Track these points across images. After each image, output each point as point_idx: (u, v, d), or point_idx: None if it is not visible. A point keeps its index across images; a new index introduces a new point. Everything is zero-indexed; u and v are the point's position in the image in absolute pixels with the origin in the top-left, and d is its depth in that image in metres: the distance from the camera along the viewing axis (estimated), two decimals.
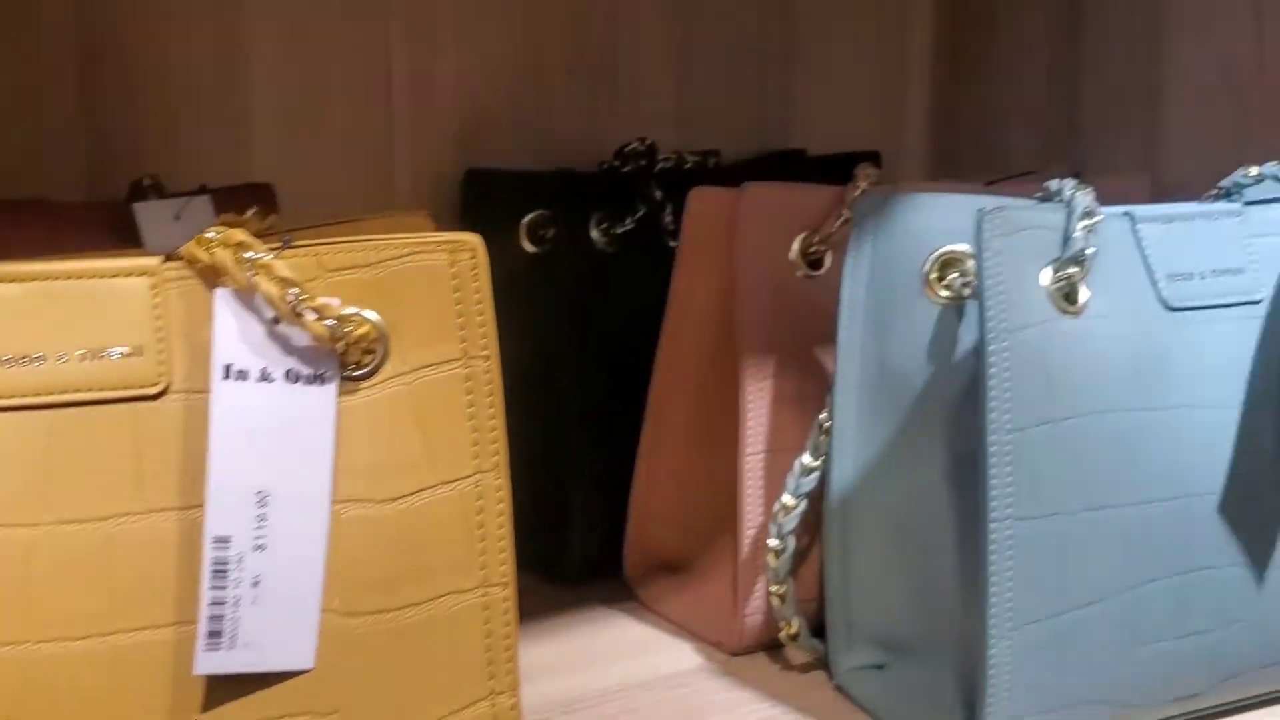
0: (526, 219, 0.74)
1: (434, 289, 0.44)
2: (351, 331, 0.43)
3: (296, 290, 0.42)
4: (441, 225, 0.78)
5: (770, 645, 0.64)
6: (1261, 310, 0.56)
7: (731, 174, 0.77)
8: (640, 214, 0.73)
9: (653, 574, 0.70)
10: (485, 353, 0.45)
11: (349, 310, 0.44)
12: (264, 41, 0.72)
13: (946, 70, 0.91)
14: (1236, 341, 0.56)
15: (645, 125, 0.82)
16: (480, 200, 0.77)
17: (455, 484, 0.45)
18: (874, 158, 0.82)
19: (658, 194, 0.73)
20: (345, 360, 0.44)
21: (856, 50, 0.91)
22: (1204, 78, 0.75)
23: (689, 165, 0.78)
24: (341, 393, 0.44)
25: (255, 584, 0.43)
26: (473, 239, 0.44)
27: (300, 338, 0.43)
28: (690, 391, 0.67)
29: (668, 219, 0.73)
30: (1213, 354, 0.55)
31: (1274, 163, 0.59)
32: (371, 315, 0.44)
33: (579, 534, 0.71)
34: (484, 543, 0.45)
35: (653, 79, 0.84)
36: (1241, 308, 0.56)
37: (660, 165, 0.76)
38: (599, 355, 0.71)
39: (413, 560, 0.45)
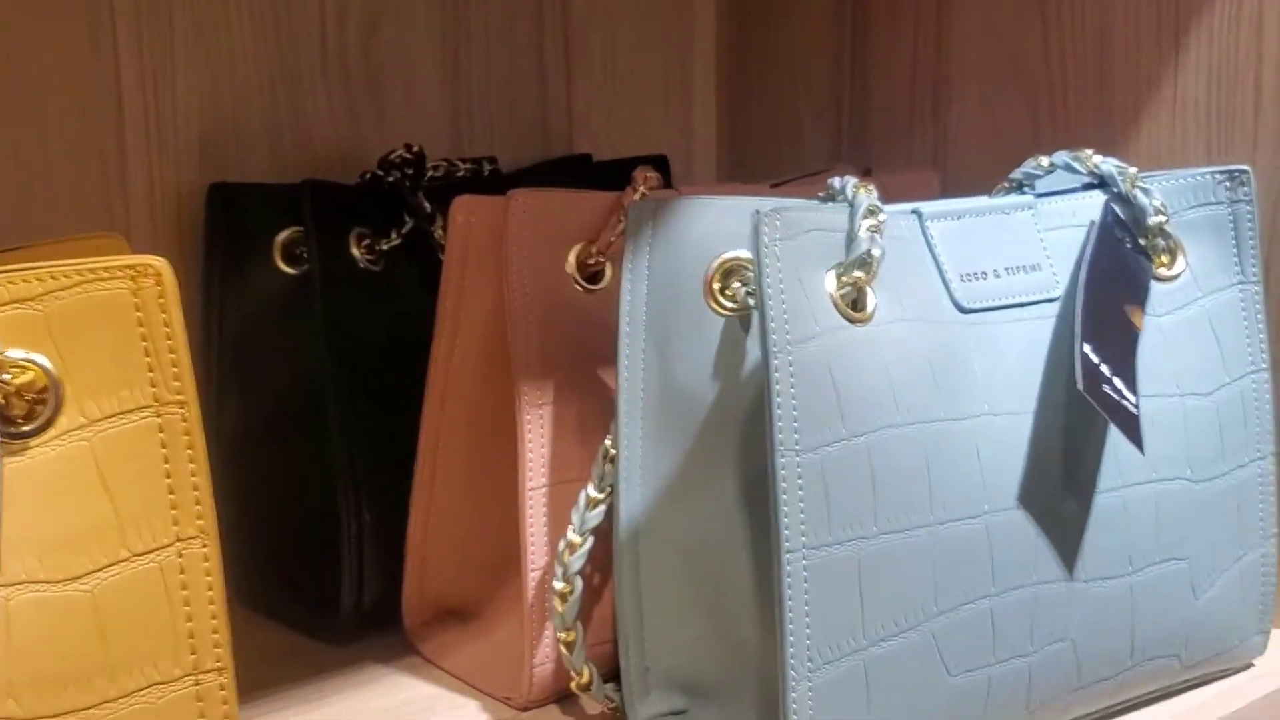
0: (280, 237, 0.68)
1: (114, 324, 0.37)
2: (11, 380, 0.36)
3: None
4: (185, 247, 0.72)
5: (564, 696, 0.58)
6: (1059, 308, 0.53)
7: (511, 182, 0.71)
8: (407, 228, 0.67)
9: (436, 625, 0.64)
10: (180, 397, 0.38)
11: (10, 354, 0.36)
12: None
13: (733, 70, 0.88)
14: (1035, 342, 0.53)
15: (415, 133, 0.75)
16: (227, 219, 0.69)
17: (152, 555, 0.38)
18: (662, 161, 0.78)
19: (426, 206, 0.67)
20: (8, 414, 0.37)
21: (639, 51, 0.87)
22: (991, 69, 0.73)
23: (462, 174, 0.72)
24: (5, 453, 0.36)
25: None
26: (158, 262, 0.37)
27: None
28: (467, 421, 0.61)
29: (439, 232, 0.67)
30: (1011, 357, 0.52)
31: (1064, 151, 0.56)
32: (38, 359, 0.37)
33: (350, 585, 0.64)
34: (192, 623, 0.38)
35: (421, 83, 0.77)
36: (1039, 306, 0.53)
37: (429, 175, 0.70)
38: (366, 386, 0.64)
39: (107, 649, 0.37)
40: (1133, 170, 0.55)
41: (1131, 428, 0.50)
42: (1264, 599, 0.58)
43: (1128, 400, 0.50)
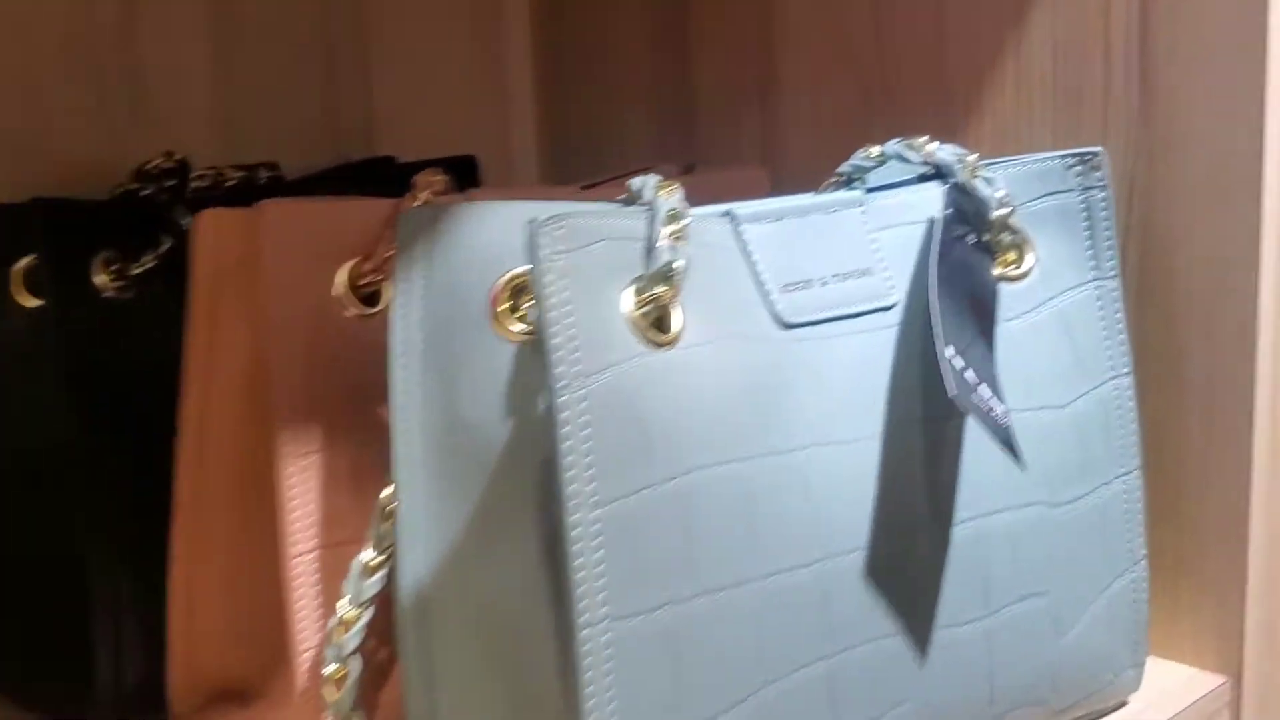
0: (17, 266, 0.58)
1: None
2: None
3: None
4: None
5: None
6: (896, 317, 0.47)
7: (294, 191, 0.63)
8: (165, 248, 0.58)
9: (209, 709, 0.55)
10: None
11: None
12: None
13: (550, 61, 0.80)
14: (869, 358, 0.46)
15: (181, 138, 0.66)
16: None
17: None
18: (469, 163, 0.71)
19: (185, 222, 0.58)
20: None
21: (445, 41, 0.79)
22: (819, 55, 0.67)
23: (231, 183, 0.63)
24: None
25: None
26: None
27: None
28: (230, 472, 0.53)
29: None
30: (843, 377, 0.45)
31: (897, 140, 0.50)
32: None
33: (106, 663, 0.55)
34: None
35: (186, 80, 0.68)
36: (871, 316, 0.47)
37: (194, 185, 0.61)
38: (116, 436, 0.55)
39: None
40: (972, 157, 0.49)
41: (1007, 438, 0.43)
42: (1137, 628, 0.52)
43: (997, 409, 0.44)
